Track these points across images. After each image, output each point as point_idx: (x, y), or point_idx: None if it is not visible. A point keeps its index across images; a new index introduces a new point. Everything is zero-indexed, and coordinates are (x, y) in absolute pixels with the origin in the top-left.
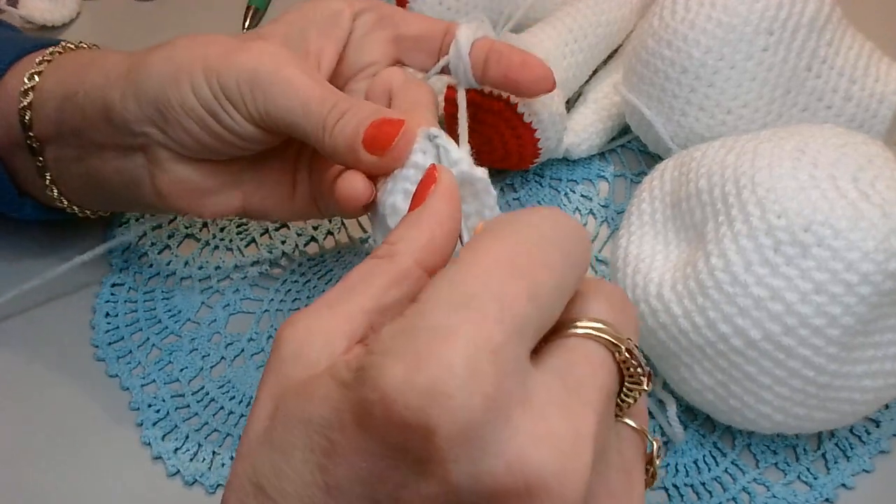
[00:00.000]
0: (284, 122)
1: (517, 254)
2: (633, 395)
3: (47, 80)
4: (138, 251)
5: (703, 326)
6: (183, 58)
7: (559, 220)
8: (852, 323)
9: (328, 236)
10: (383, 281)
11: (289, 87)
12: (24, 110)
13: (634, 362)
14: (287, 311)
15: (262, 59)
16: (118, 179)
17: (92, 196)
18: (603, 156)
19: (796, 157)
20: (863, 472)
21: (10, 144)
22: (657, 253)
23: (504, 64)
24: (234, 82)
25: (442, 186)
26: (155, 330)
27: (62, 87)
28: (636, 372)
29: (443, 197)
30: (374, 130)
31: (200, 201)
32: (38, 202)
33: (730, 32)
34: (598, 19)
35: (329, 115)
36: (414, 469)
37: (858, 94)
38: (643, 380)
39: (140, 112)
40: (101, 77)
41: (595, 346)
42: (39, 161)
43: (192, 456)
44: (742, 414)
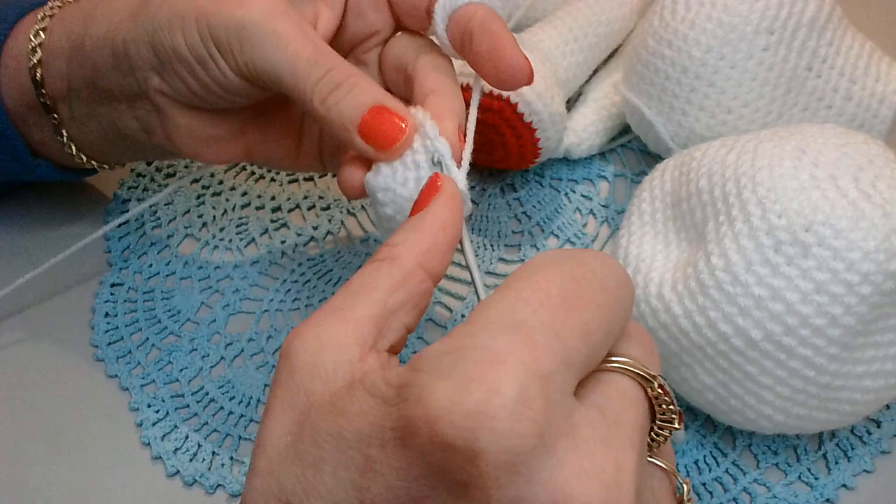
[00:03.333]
0: (270, 77)
1: (570, 288)
2: (665, 434)
3: (53, 35)
4: (138, 251)
5: (703, 326)
6: (179, 3)
7: (608, 262)
8: (853, 323)
9: (328, 236)
10: (387, 284)
11: (277, 41)
12: (35, 68)
13: (667, 399)
14: (287, 311)
15: (253, 10)
16: (133, 126)
17: (109, 146)
18: (603, 156)
19: (797, 156)
20: (864, 473)
21: (23, 106)
22: (657, 253)
23: (474, 51)
24: (223, 31)
25: (445, 194)
26: (154, 330)
27: (69, 40)
28: (668, 409)
29: (446, 204)
30: (373, 119)
31: (204, 148)
32: (52, 162)
33: (730, 32)
34: (598, 19)
35: (322, 82)
36: (454, 491)
37: (859, 94)
38: (674, 418)
39: (140, 56)
40: (105, 23)
41: (630, 383)
42: (55, 118)
43: (191, 456)
44: (743, 414)
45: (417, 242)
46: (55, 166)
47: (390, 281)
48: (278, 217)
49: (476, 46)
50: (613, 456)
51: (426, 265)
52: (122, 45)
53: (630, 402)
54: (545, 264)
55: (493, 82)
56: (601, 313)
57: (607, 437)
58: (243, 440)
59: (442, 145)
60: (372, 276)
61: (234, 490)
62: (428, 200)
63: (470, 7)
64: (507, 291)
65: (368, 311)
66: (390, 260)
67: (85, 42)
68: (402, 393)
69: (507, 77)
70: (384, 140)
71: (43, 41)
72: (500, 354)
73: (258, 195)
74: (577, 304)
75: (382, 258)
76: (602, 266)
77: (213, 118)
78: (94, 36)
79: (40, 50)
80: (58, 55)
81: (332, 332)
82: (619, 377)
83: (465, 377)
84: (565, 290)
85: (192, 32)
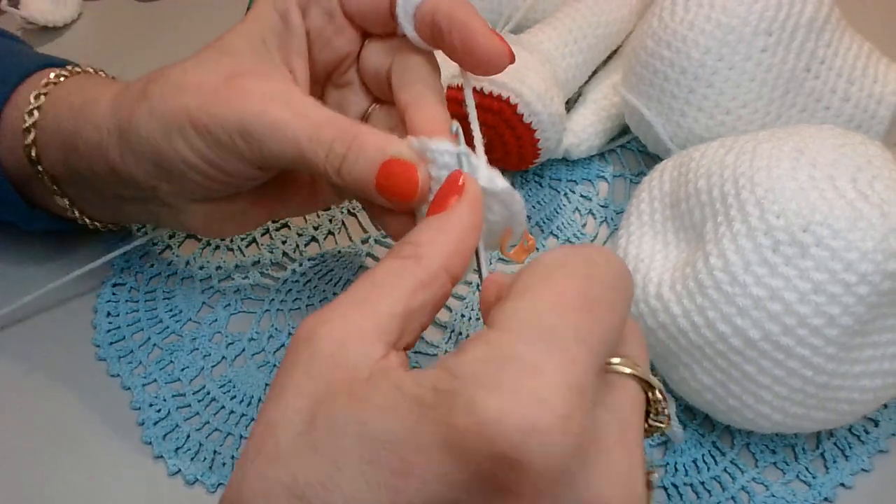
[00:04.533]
0: (283, 162)
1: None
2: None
3: (47, 121)
4: (139, 251)
5: (702, 326)
6: (165, 110)
7: (612, 259)
8: (851, 323)
9: (329, 236)
10: (411, 283)
11: (278, 132)
12: (29, 147)
13: (664, 405)
14: (288, 310)
15: (245, 105)
16: (141, 217)
17: (112, 214)
18: (602, 156)
19: (795, 157)
20: (861, 472)
21: (20, 169)
22: (656, 253)
23: (448, 46)
24: (225, 136)
25: (469, 196)
26: (156, 329)
27: (61, 135)
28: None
29: (469, 207)
30: (386, 178)
31: (227, 225)
32: (49, 213)
33: (728, 33)
34: (598, 20)
35: (329, 157)
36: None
37: (857, 95)
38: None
39: (142, 170)
40: (95, 133)
41: (635, 386)
42: (55, 189)
43: (193, 455)
44: (741, 413)
45: (444, 244)
46: (54, 218)
47: (415, 281)
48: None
49: (448, 39)
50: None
51: (449, 268)
52: (119, 160)
53: (636, 406)
54: (558, 265)
55: (475, 70)
56: (614, 315)
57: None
58: (244, 439)
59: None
60: (398, 274)
61: None
62: (449, 197)
63: (430, 1)
64: (530, 295)
65: (392, 308)
66: (416, 259)
67: (77, 145)
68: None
69: (486, 62)
70: (402, 193)
71: (37, 121)
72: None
73: None
74: (595, 308)
75: (407, 255)
76: (608, 264)
77: (228, 202)
78: (85, 141)
79: (34, 131)
80: (53, 146)
81: (358, 323)
82: (627, 380)
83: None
84: (583, 292)
85: (193, 139)
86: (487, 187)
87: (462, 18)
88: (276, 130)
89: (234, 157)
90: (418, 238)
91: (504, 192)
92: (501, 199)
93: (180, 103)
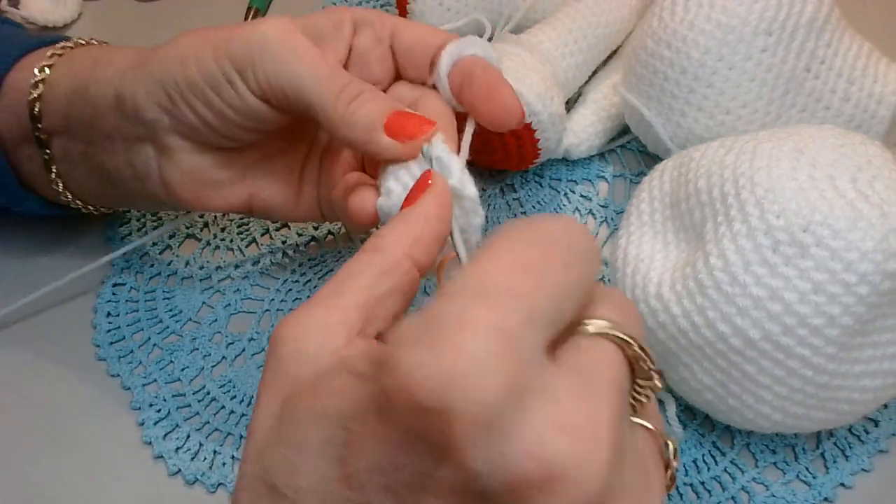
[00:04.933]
0: (292, 89)
1: (531, 251)
2: (645, 393)
3: (58, 72)
4: (139, 251)
5: (702, 326)
6: (189, 40)
7: (569, 223)
8: (851, 323)
9: (328, 236)
10: (373, 272)
11: (297, 55)
12: (34, 101)
13: (646, 358)
14: (288, 310)
15: (271, 28)
16: (126, 172)
17: (98, 190)
18: (602, 156)
19: (795, 157)
20: (861, 472)
21: (17, 136)
22: (656, 253)
23: (474, 90)
24: (243, 53)
25: (434, 189)
26: (156, 329)
27: (72, 80)
28: (646, 367)
29: (434, 198)
30: (398, 118)
31: (207, 194)
32: (41, 197)
33: (728, 33)
34: (598, 20)
35: (344, 91)
36: (433, 455)
37: (857, 95)
38: (654, 375)
39: (148, 98)
40: (110, 70)
41: (605, 343)
42: (46, 153)
43: (193, 455)
44: (741, 413)
45: (404, 233)
46: (43, 201)
47: (376, 269)
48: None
49: (476, 86)
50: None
51: (413, 255)
52: (128, 90)
53: (606, 362)
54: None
55: (487, 119)
56: (564, 272)
57: (582, 394)
58: (244, 439)
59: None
60: (358, 266)
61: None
62: (418, 196)
63: (474, 57)
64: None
65: (355, 298)
66: (376, 250)
67: (89, 85)
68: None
69: (501, 114)
70: (411, 131)
71: (47, 76)
72: (465, 317)
73: None
74: (539, 266)
75: (369, 249)
76: (562, 227)
77: (221, 160)
78: (98, 79)
79: (42, 85)
80: (59, 93)
81: (317, 318)
82: (596, 339)
83: (433, 342)
84: (526, 253)
85: (206, 62)
86: (456, 187)
87: (495, 75)
88: (297, 54)
89: (243, 77)
90: (382, 232)
91: (469, 199)
92: (464, 206)
93: (207, 34)
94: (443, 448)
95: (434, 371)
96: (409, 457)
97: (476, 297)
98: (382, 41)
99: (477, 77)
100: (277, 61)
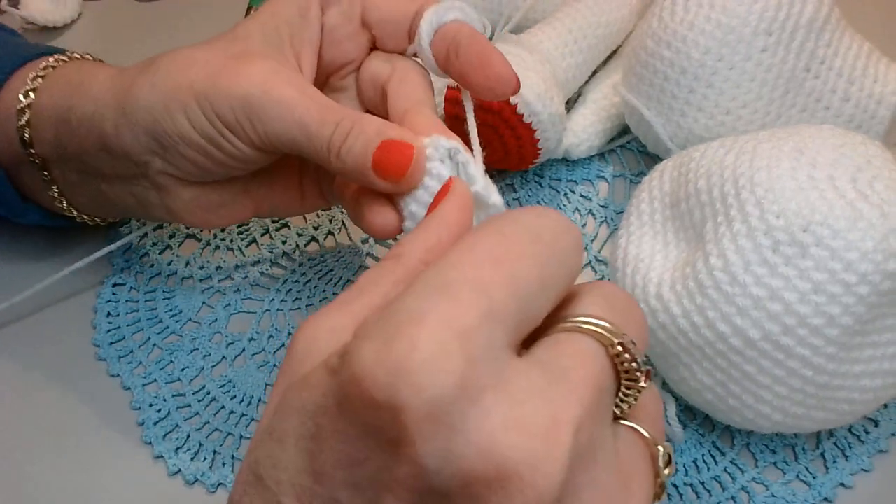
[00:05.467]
0: (285, 144)
1: (497, 245)
2: (632, 395)
3: (42, 99)
4: (140, 251)
5: (702, 326)
6: (169, 85)
7: (546, 214)
8: (851, 323)
9: (329, 236)
10: (390, 279)
11: (284, 110)
12: (23, 129)
13: (628, 356)
14: (287, 310)
15: (252, 81)
16: (129, 200)
17: (100, 210)
18: (602, 156)
19: (795, 157)
20: (861, 472)
21: (13, 157)
22: (656, 253)
23: (462, 60)
24: (229, 110)
25: (454, 195)
26: (156, 329)
27: (55, 111)
28: (631, 367)
29: (454, 204)
30: (383, 155)
31: (212, 215)
32: (42, 208)
33: (728, 33)
34: (598, 20)
35: (334, 137)
36: (388, 451)
37: (857, 95)
38: (639, 376)
39: (137, 143)
40: (90, 104)
41: (585, 339)
42: (45, 175)
43: (193, 455)
44: (741, 413)
45: (421, 240)
46: (45, 212)
47: (393, 276)
48: (279, 217)
49: (464, 56)
50: (549, 409)
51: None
52: (112, 130)
53: (582, 358)
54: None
55: (481, 91)
56: (532, 265)
57: (544, 390)
58: (244, 439)
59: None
60: (377, 275)
61: None
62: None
63: (455, 23)
64: (442, 258)
65: (369, 302)
66: (396, 258)
67: (70, 118)
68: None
69: (496, 84)
70: (396, 170)
71: (32, 102)
72: (422, 313)
73: None
74: (504, 259)
75: (389, 257)
76: (536, 219)
77: (218, 187)
78: (78, 115)
79: (28, 111)
80: (45, 124)
81: (331, 320)
82: (574, 335)
83: (386, 337)
84: (492, 246)
85: (196, 114)
86: (481, 193)
87: (482, 41)
88: (282, 108)
89: (235, 134)
90: (402, 240)
91: (494, 208)
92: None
93: (186, 78)
94: (395, 443)
95: (382, 366)
96: (367, 451)
97: (436, 291)
98: (352, 18)
99: (464, 46)
100: (266, 121)
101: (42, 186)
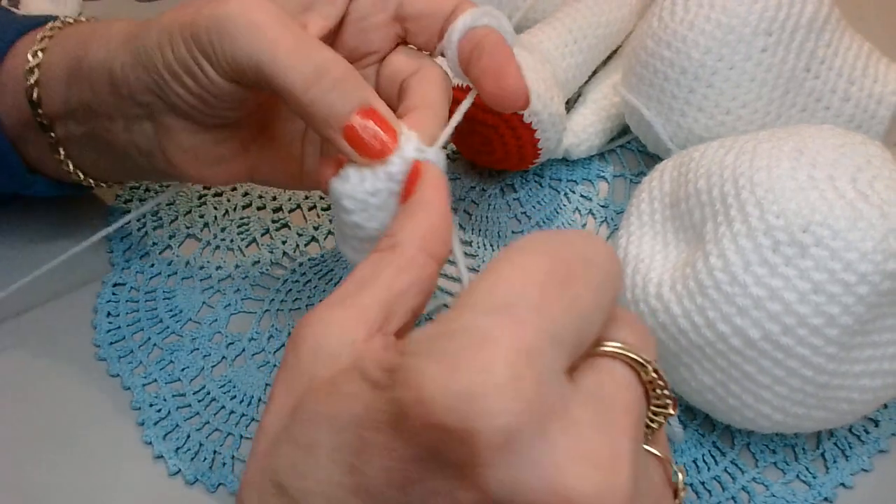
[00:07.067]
0: (252, 70)
1: (556, 267)
2: (659, 420)
3: (52, 56)
4: (140, 251)
5: (702, 326)
6: (166, 19)
7: (595, 239)
8: (850, 323)
9: (329, 236)
10: (391, 270)
11: (255, 31)
12: (31, 88)
13: (661, 384)
14: (288, 310)
15: (231, 4)
16: (132, 150)
17: (106, 167)
18: (602, 156)
19: (795, 157)
20: (862, 472)
21: (19, 124)
22: (656, 253)
23: (481, 65)
24: (204, 32)
25: (429, 177)
26: (156, 329)
27: (67, 61)
28: (662, 394)
29: (432, 187)
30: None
31: (208, 171)
32: (49, 178)
33: (728, 33)
34: (598, 20)
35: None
36: (448, 474)
37: (857, 95)
38: (669, 403)
39: (138, 83)
40: (103, 48)
41: (622, 367)
42: (51, 137)
43: (193, 455)
44: (741, 413)
45: (415, 228)
46: (52, 182)
47: (394, 267)
48: (279, 217)
49: (485, 61)
50: (608, 440)
51: (428, 248)
52: (119, 71)
53: (623, 387)
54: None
55: (490, 98)
56: (589, 291)
57: (600, 422)
58: (244, 439)
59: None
60: (376, 265)
61: (235, 489)
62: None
63: (485, 28)
64: (491, 273)
65: (374, 296)
66: (392, 248)
67: (82, 65)
68: (392, 376)
69: (505, 94)
70: (370, 150)
71: (41, 61)
72: (488, 334)
73: (259, 195)
74: (564, 283)
75: (384, 248)
76: (588, 245)
77: (217, 137)
78: (91, 60)
79: (38, 70)
80: (55, 77)
81: (338, 317)
82: (612, 362)
83: (454, 359)
84: (552, 269)
85: (177, 42)
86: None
87: (505, 51)
88: (253, 29)
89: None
90: (393, 228)
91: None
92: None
93: (181, 13)
94: (460, 468)
95: (455, 390)
96: (423, 473)
97: (498, 311)
98: (387, 5)
99: (487, 52)
100: (235, 41)
101: (48, 152)
